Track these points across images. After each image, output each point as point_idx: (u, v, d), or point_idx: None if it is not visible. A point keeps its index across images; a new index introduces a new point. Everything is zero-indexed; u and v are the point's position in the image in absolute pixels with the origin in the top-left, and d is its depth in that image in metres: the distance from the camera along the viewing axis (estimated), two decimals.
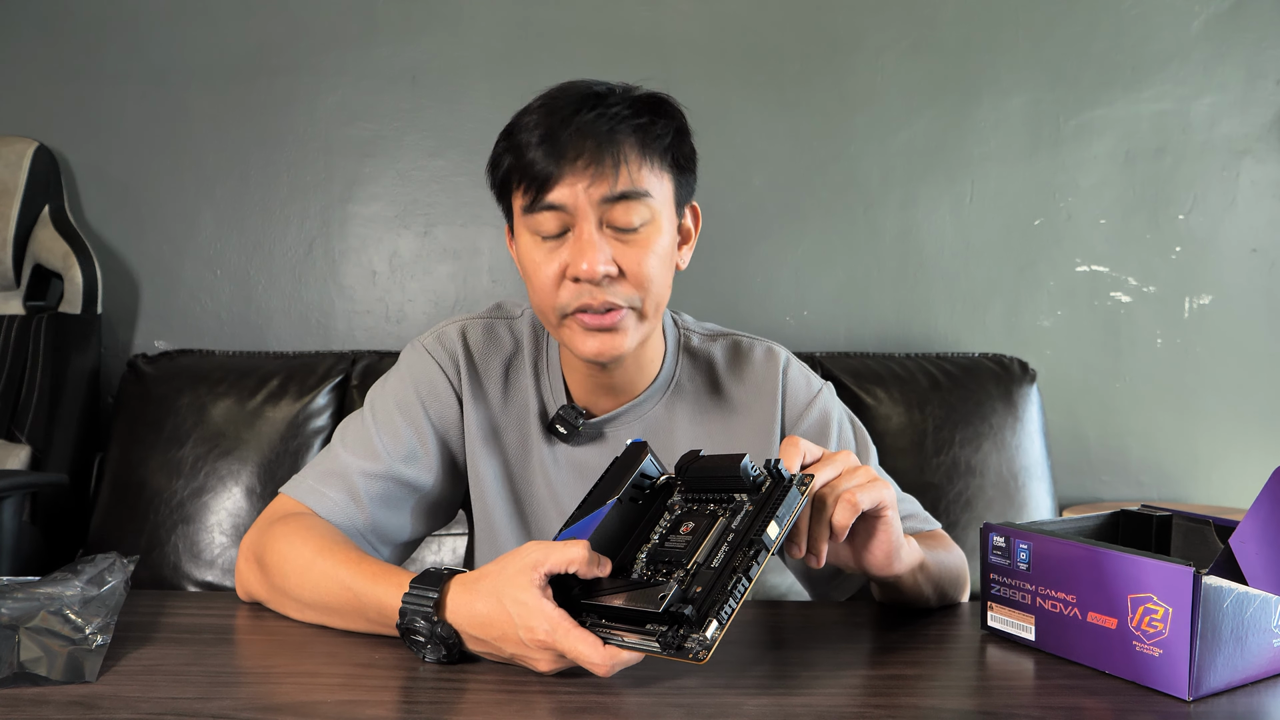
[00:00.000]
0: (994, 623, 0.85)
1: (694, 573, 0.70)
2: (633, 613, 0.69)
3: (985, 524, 0.86)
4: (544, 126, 0.89)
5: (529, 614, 0.70)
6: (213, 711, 0.66)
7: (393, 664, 0.76)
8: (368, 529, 0.96)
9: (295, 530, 0.90)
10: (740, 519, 0.74)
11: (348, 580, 0.82)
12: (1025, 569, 0.82)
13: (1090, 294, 2.16)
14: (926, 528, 1.03)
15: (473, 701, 0.68)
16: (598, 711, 0.67)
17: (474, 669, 0.75)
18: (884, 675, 0.75)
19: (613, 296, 0.89)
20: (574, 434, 1.01)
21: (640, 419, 1.03)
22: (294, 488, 0.97)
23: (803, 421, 1.05)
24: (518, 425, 1.03)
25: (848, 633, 0.84)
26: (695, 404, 1.05)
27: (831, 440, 1.04)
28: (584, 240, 0.88)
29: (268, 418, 1.74)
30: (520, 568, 0.72)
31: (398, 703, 0.68)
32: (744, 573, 0.69)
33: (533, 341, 1.05)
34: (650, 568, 0.72)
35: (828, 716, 0.66)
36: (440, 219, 2.06)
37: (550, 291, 0.91)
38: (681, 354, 1.06)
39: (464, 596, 0.75)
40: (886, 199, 2.12)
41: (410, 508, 1.00)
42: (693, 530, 0.74)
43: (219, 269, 2.04)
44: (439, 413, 1.01)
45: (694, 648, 0.66)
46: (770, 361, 1.06)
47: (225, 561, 1.66)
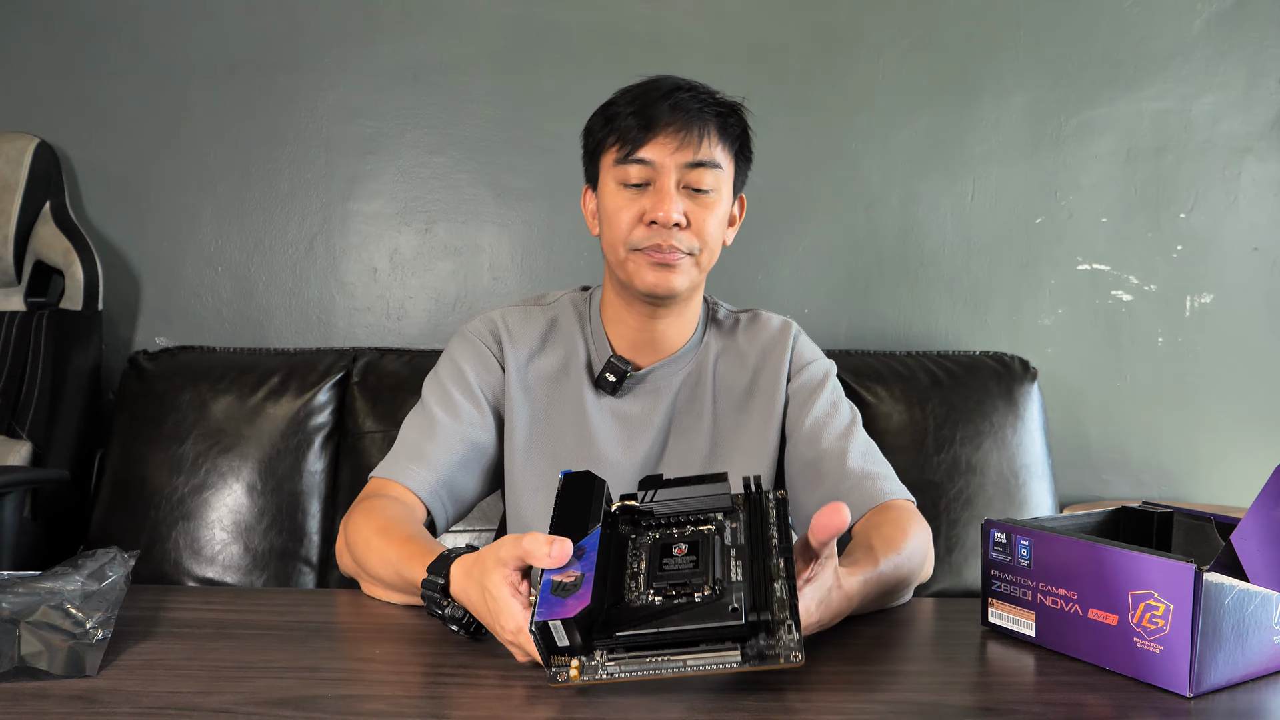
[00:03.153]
0: (994, 619, 0.85)
1: (725, 588, 0.68)
2: (701, 631, 0.65)
3: (986, 520, 0.86)
4: (642, 102, 1.05)
5: (500, 610, 0.71)
6: (213, 706, 0.66)
7: (393, 659, 0.76)
8: (443, 489, 1.06)
9: (367, 509, 1.00)
10: (740, 533, 0.73)
11: (394, 561, 0.90)
12: (1026, 565, 0.82)
13: (1091, 292, 2.16)
14: (885, 498, 1.04)
15: (474, 696, 0.68)
16: (599, 707, 0.67)
17: (475, 663, 0.75)
18: (883, 671, 0.75)
19: (679, 241, 1.05)
20: (622, 381, 1.12)
21: (677, 373, 1.16)
22: (382, 469, 1.07)
23: (800, 375, 1.17)
24: (559, 381, 1.14)
25: (845, 629, 0.84)
26: (719, 361, 1.18)
27: (820, 398, 1.14)
28: (664, 192, 1.04)
29: (268, 414, 1.74)
30: (495, 561, 0.73)
31: (398, 697, 0.68)
32: (787, 578, 0.68)
33: (574, 312, 1.18)
34: (660, 594, 0.68)
35: (827, 712, 0.66)
36: (441, 216, 2.06)
37: (627, 229, 1.06)
38: (710, 323, 1.20)
39: (461, 582, 0.78)
40: (887, 197, 2.12)
41: (475, 466, 1.10)
42: (690, 551, 0.71)
43: (220, 265, 2.04)
44: (486, 379, 1.13)
45: (784, 651, 0.65)
46: (784, 329, 1.20)
47: (226, 558, 1.66)
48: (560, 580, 0.67)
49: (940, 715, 0.66)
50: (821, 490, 1.08)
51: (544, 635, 0.66)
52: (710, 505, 0.76)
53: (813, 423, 1.12)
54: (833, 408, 1.14)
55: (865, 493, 1.05)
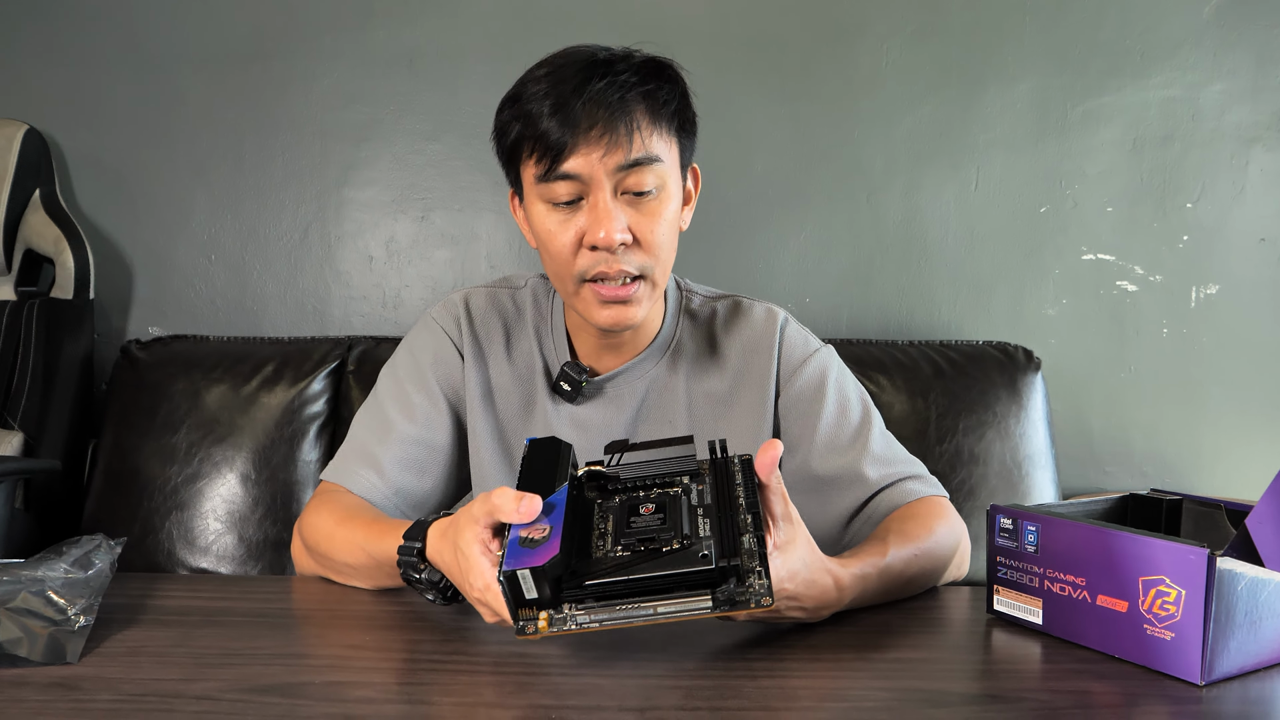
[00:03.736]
0: (1000, 606, 0.83)
1: (693, 541, 0.67)
2: (671, 578, 0.65)
3: (992, 506, 0.84)
4: (555, 95, 0.90)
5: (469, 568, 0.70)
6: (196, 693, 0.64)
7: (381, 645, 0.74)
8: (395, 496, 1.01)
9: (322, 505, 0.96)
10: (707, 494, 0.73)
11: (362, 542, 0.87)
12: (1033, 551, 0.80)
13: (1096, 283, 2.13)
14: (912, 499, 0.99)
15: (465, 683, 0.66)
16: (594, 693, 0.65)
17: (466, 650, 0.73)
18: (887, 658, 0.73)
19: (627, 265, 0.92)
20: (578, 391, 1.03)
21: (642, 377, 1.05)
22: (330, 473, 1.02)
23: (796, 380, 1.05)
24: (519, 385, 1.06)
25: (848, 615, 0.82)
26: (694, 362, 1.07)
27: (825, 403, 1.04)
28: (600, 209, 0.90)
29: (262, 404, 1.72)
30: (468, 519, 0.71)
31: (386, 684, 0.66)
32: (755, 532, 0.68)
33: (534, 306, 1.09)
34: (628, 549, 0.68)
35: (831, 698, 0.64)
36: (437, 204, 2.04)
37: (567, 259, 0.93)
38: (683, 315, 1.09)
39: (436, 544, 0.77)
40: (890, 185, 2.10)
41: (432, 469, 1.03)
42: (658, 510, 0.71)
43: (213, 254, 2.02)
44: (445, 375, 1.05)
45: (754, 596, 0.65)
46: (769, 320, 1.07)
47: (220, 548, 1.64)
48: (528, 535, 0.66)
49: (946, 702, 0.64)
50: (843, 504, 1.01)
51: (512, 586, 0.64)
52: (676, 469, 0.75)
53: (824, 438, 1.02)
54: (841, 411, 1.03)
55: (891, 502, 0.99)
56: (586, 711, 0.61)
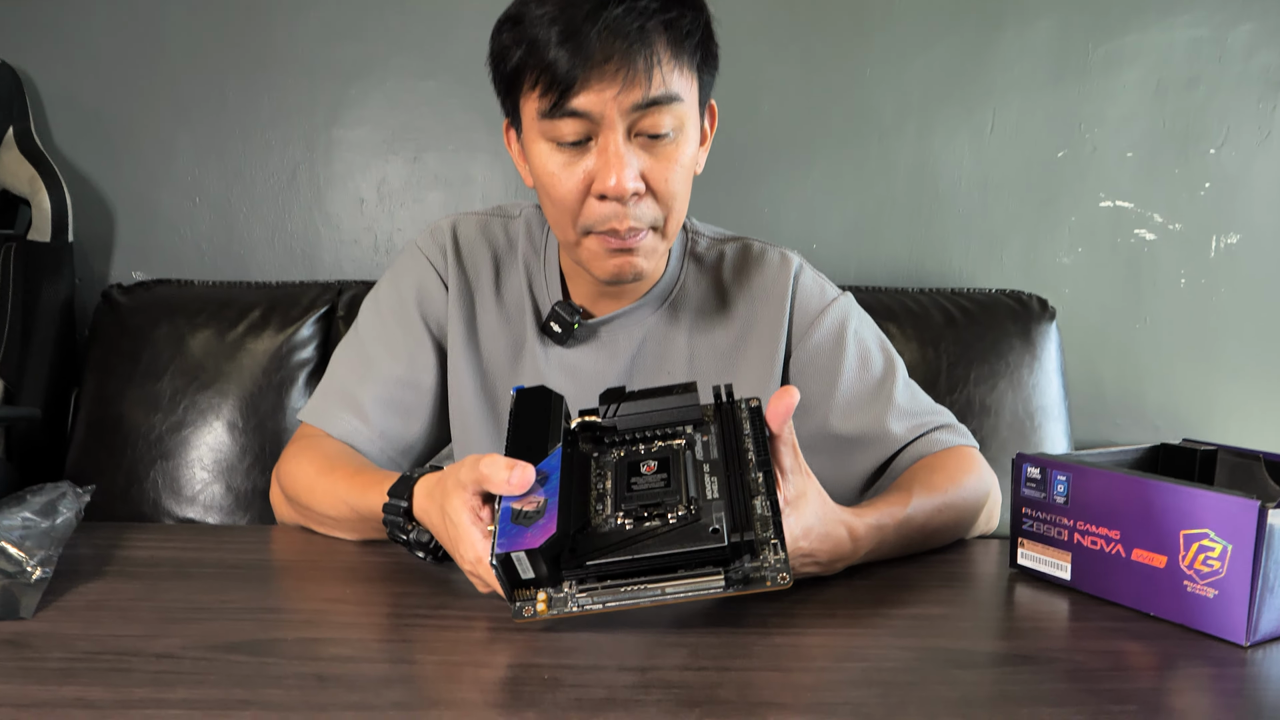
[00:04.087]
0: (1024, 560, 0.78)
1: (701, 508, 0.62)
2: (680, 556, 0.59)
3: (1019, 454, 0.78)
4: (564, 20, 0.77)
5: (459, 538, 0.65)
6: (157, 650, 0.58)
7: (363, 599, 0.69)
8: (381, 440, 0.95)
9: (303, 451, 0.90)
10: (712, 446, 0.67)
11: (344, 495, 0.82)
12: (1062, 503, 0.75)
13: (1113, 231, 2.06)
14: (940, 447, 0.93)
15: (451, 639, 0.61)
16: (591, 651, 0.59)
17: (453, 603, 0.67)
18: (906, 615, 0.68)
19: (637, 219, 0.83)
20: (569, 333, 0.95)
21: (640, 324, 0.97)
22: (309, 413, 0.96)
23: (812, 334, 0.97)
24: (507, 325, 0.98)
25: (863, 568, 0.77)
26: (698, 312, 0.98)
27: (845, 358, 0.96)
28: (611, 153, 0.80)
29: (249, 350, 1.66)
30: (455, 484, 0.66)
31: (365, 641, 0.61)
32: (768, 494, 0.62)
33: (527, 239, 1.00)
34: (630, 517, 0.62)
35: (848, 658, 0.59)
36: (430, 144, 1.96)
37: (571, 207, 0.84)
38: (687, 259, 1.00)
39: (423, 503, 0.72)
40: (902, 129, 2.02)
41: (419, 412, 0.97)
42: (660, 469, 0.65)
43: (198, 197, 1.94)
44: (430, 309, 0.98)
45: (770, 573, 0.60)
46: (782, 267, 0.99)
47: (207, 498, 1.59)
48: (521, 508, 0.61)
49: (972, 663, 0.59)
50: (865, 463, 0.95)
51: (506, 568, 0.59)
52: (678, 418, 0.69)
53: (845, 395, 0.95)
54: (862, 365, 0.96)
55: (917, 455, 0.93)
56: (583, 671, 0.56)
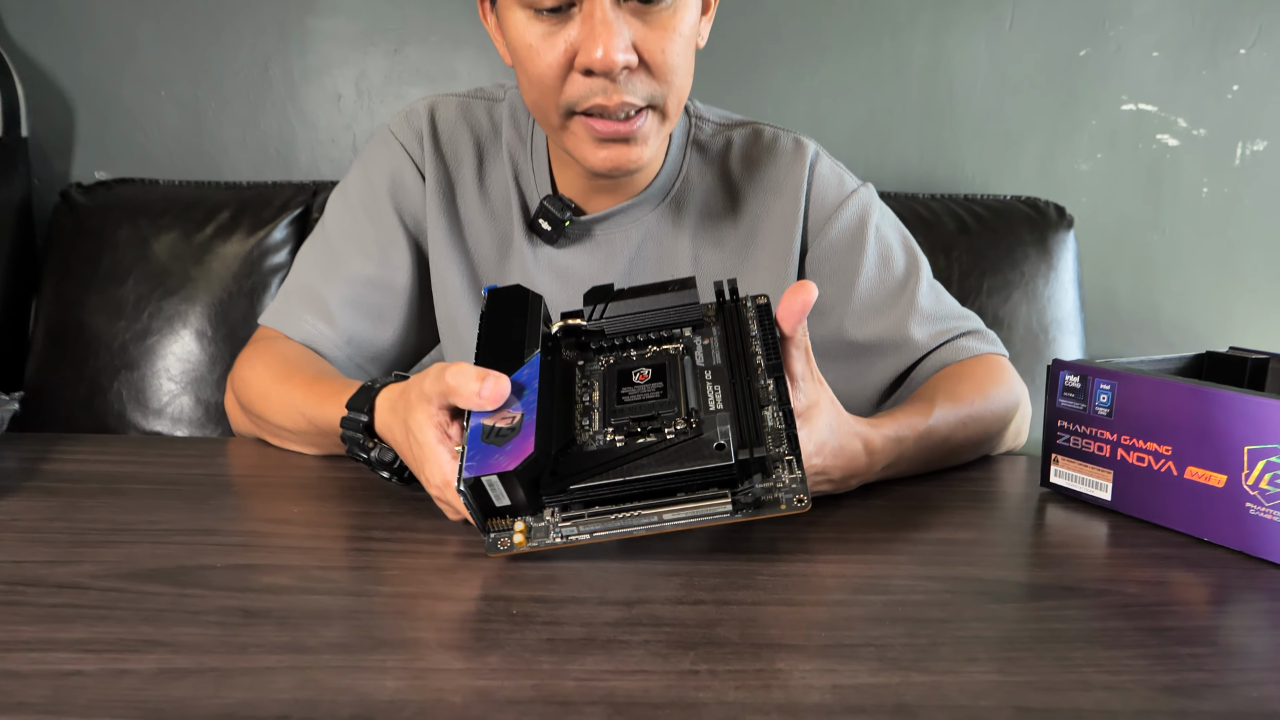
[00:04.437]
0: (1058, 479, 0.70)
1: (703, 420, 0.54)
2: (680, 477, 0.51)
3: (1055, 360, 0.69)
4: None
5: (424, 458, 0.56)
6: (60, 579, 0.50)
7: (312, 520, 0.61)
8: (348, 347, 0.87)
9: (259, 355, 0.83)
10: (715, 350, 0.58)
11: (300, 405, 0.74)
12: (1105, 415, 0.66)
13: (1135, 136, 1.95)
14: (966, 355, 0.85)
15: (407, 567, 0.53)
16: (570, 581, 0.51)
17: (416, 524, 0.59)
18: (930, 540, 0.60)
19: (630, 94, 0.72)
20: (559, 231, 0.85)
21: (638, 222, 0.87)
22: (268, 315, 0.88)
23: (829, 229, 0.87)
24: (493, 221, 0.88)
25: (879, 487, 0.69)
26: (703, 207, 0.88)
27: (865, 255, 0.87)
28: (597, 20, 0.69)
29: (218, 253, 1.56)
30: (419, 396, 0.57)
31: (306, 569, 0.53)
32: (780, 404, 0.54)
33: (512, 125, 0.89)
34: (621, 432, 0.54)
35: (867, 589, 0.51)
36: (412, 36, 1.82)
37: (552, 85, 0.73)
38: (690, 148, 0.89)
39: (385, 418, 0.63)
40: (915, 24, 1.88)
41: (391, 316, 0.88)
42: (655, 376, 0.57)
43: (163, 91, 1.81)
44: (405, 201, 0.88)
45: (785, 494, 0.51)
46: (796, 155, 0.88)
47: (175, 410, 1.51)
48: (493, 424, 0.52)
49: (1009, 595, 0.51)
50: (883, 372, 0.87)
51: (477, 495, 0.51)
52: (675, 319, 0.60)
53: (863, 297, 0.86)
54: (883, 263, 0.87)
55: (941, 363, 0.85)
56: (559, 605, 0.48)
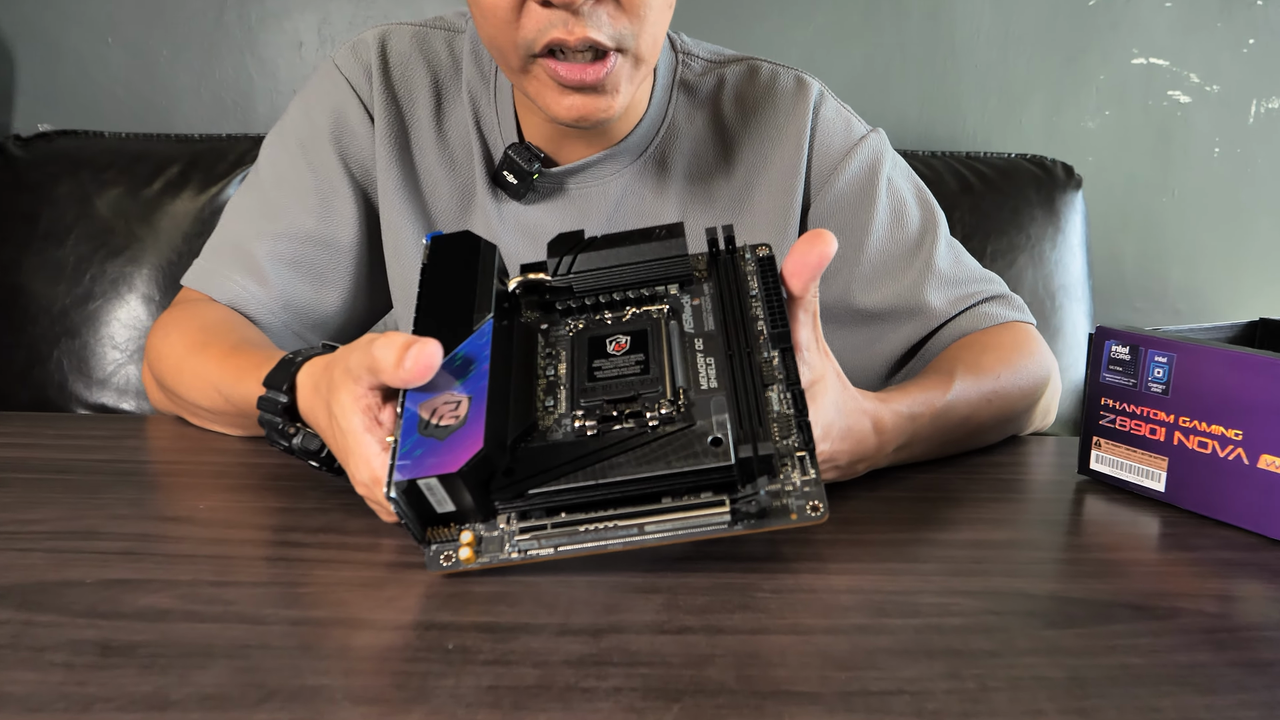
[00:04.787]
0: (1100, 465, 0.60)
1: (692, 404, 0.44)
2: (665, 480, 0.41)
3: (1099, 328, 0.60)
4: None
5: (348, 450, 0.46)
6: None
7: (218, 520, 0.50)
8: (284, 313, 0.77)
9: (173, 322, 0.72)
10: (706, 313, 0.48)
11: (216, 380, 0.64)
12: (1161, 392, 0.56)
13: (1145, 92, 1.85)
14: (990, 323, 0.75)
15: (320, 585, 0.43)
16: (524, 603, 0.41)
17: (343, 525, 0.49)
18: (960, 543, 0.50)
19: (595, 30, 0.62)
20: (526, 185, 0.74)
21: (617, 175, 0.77)
22: (192, 274, 0.78)
23: (836, 180, 0.77)
24: (452, 171, 0.78)
25: (888, 475, 0.59)
26: (692, 158, 0.78)
27: (875, 210, 0.77)
28: None
29: (167, 211, 1.44)
30: (343, 373, 0.46)
31: (194, 586, 0.42)
32: (788, 383, 0.44)
33: (474, 61, 0.78)
34: (592, 417, 0.44)
35: (892, 611, 0.41)
36: None
37: (506, 19, 0.63)
38: (676, 89, 0.78)
39: (309, 397, 0.52)
40: None
41: (335, 277, 0.78)
42: (634, 347, 0.47)
43: (111, 37, 1.68)
44: (350, 146, 0.77)
45: (796, 502, 0.42)
46: (799, 96, 0.77)
47: (120, 381, 1.40)
48: (434, 414, 0.42)
49: (1066, 617, 0.42)
50: (894, 342, 0.78)
51: (412, 501, 0.41)
52: (659, 273, 0.50)
53: (873, 258, 0.77)
54: (895, 219, 0.77)
55: (960, 333, 0.76)
56: (506, 635, 0.38)
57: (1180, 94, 1.86)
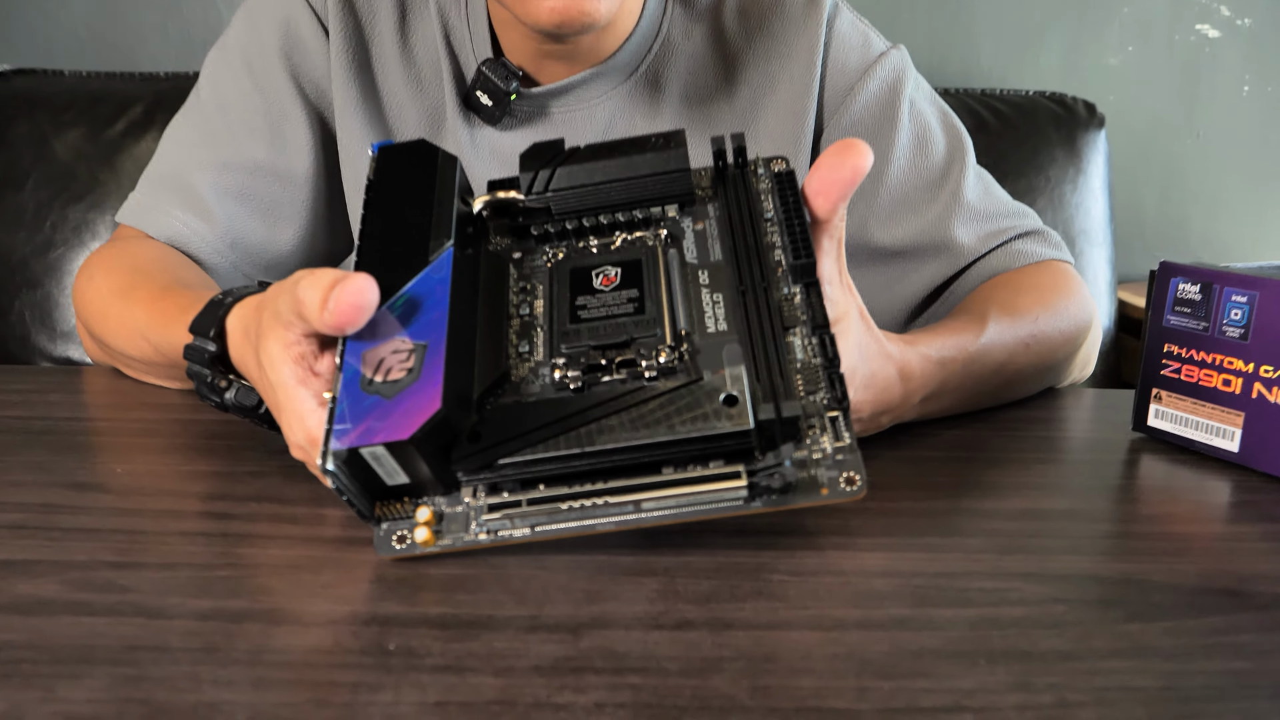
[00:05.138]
0: (1159, 421, 0.53)
1: (697, 351, 0.36)
2: (667, 448, 0.33)
3: (1163, 264, 0.52)
4: None
5: (279, 406, 0.38)
6: None
7: (135, 485, 0.43)
8: (229, 250, 0.68)
9: (100, 262, 0.64)
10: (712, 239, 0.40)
11: (143, 327, 0.56)
12: (1239, 338, 0.49)
13: (1171, 25, 1.75)
14: (1026, 261, 0.67)
15: (245, 567, 0.35)
16: (482, 586, 0.34)
17: (271, 498, 0.42)
18: (1008, 512, 0.43)
19: None
20: (502, 107, 0.66)
21: (605, 97, 0.68)
22: (127, 209, 0.69)
23: (852, 102, 0.69)
24: (419, 93, 0.69)
25: (913, 432, 0.52)
26: (689, 78, 0.69)
27: (897, 135, 0.68)
28: None
29: (131, 154, 1.35)
30: (271, 316, 0.38)
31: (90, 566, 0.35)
32: (815, 327, 0.36)
33: None
34: (575, 367, 0.36)
35: (937, 600, 0.34)
36: None
37: None
38: (672, 2, 0.70)
39: (239, 344, 0.44)
40: None
41: (287, 211, 0.69)
42: (626, 280, 0.39)
43: None
44: (303, 64, 0.68)
45: (828, 474, 0.34)
46: (811, 7, 0.69)
47: None
48: (377, 363, 0.34)
49: (1149, 607, 0.34)
50: (917, 282, 0.70)
51: (356, 473, 0.33)
52: (655, 191, 0.41)
53: (894, 189, 0.69)
54: (919, 146, 0.69)
55: (993, 273, 0.68)
56: (463, 633, 0.31)
57: (1209, 28, 1.76)
